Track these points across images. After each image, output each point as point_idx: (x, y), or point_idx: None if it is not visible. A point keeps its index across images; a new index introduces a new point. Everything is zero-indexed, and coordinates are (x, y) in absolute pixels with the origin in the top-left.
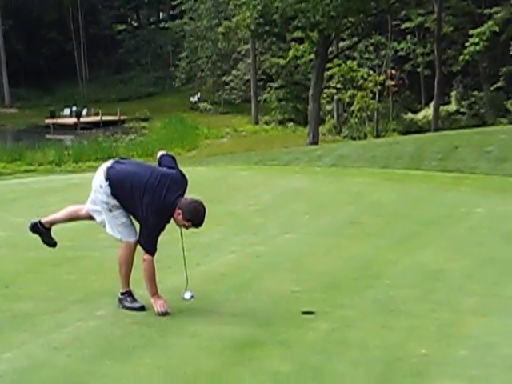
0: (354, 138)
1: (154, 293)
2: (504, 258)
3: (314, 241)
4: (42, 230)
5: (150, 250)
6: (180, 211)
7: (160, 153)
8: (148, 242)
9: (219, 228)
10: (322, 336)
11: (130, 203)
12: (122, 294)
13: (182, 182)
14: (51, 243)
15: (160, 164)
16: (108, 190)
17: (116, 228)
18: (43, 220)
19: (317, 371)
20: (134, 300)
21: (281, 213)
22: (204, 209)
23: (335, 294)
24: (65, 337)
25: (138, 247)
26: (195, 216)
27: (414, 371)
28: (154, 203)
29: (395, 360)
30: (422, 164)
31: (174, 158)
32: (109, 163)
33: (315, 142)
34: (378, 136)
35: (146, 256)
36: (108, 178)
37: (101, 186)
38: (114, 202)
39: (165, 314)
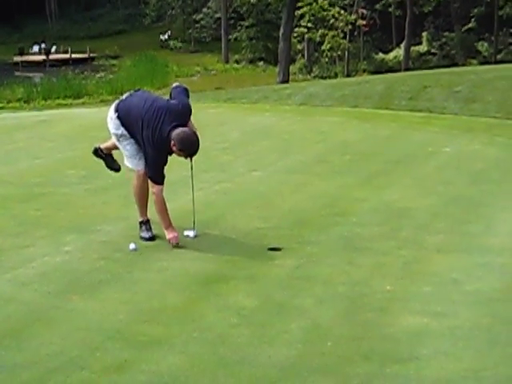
0: (324, 78)
1: (168, 225)
2: (469, 196)
3: (282, 178)
4: (103, 155)
5: (157, 180)
6: (174, 142)
7: (173, 85)
8: (153, 173)
9: (187, 165)
10: (288, 272)
11: (135, 135)
12: (139, 222)
13: (179, 113)
14: (114, 167)
15: (170, 96)
16: (117, 121)
17: (126, 157)
18: (102, 146)
19: (282, 307)
20: (147, 230)
21: (249, 150)
22: (196, 138)
23: (302, 231)
24: (31, 272)
25: None
26: (186, 145)
27: (379, 307)
28: (151, 136)
29: (360, 296)
30: (391, 103)
31: (184, 89)
32: (124, 96)
33: (285, 80)
34: (348, 76)
35: (155, 188)
36: (117, 110)
37: (111, 118)
38: (122, 132)
39: (176, 245)
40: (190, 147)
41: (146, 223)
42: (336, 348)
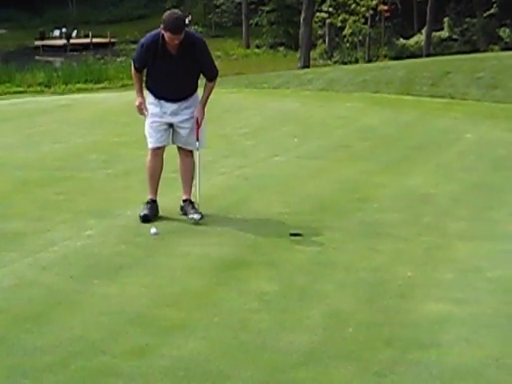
0: (345, 63)
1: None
2: (491, 183)
3: (303, 164)
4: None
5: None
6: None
7: None
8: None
9: (208, 150)
10: (309, 257)
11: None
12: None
13: None
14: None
15: None
16: None
17: None
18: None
19: (303, 292)
20: (145, 208)
21: (270, 136)
22: (175, 13)
23: (323, 217)
24: (53, 256)
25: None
26: (167, 21)
27: (400, 293)
28: None
29: (381, 282)
30: (412, 89)
31: None
32: None
33: (306, 66)
34: (369, 61)
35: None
36: None
37: None
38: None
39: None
40: (170, 21)
41: (148, 202)
42: (357, 334)
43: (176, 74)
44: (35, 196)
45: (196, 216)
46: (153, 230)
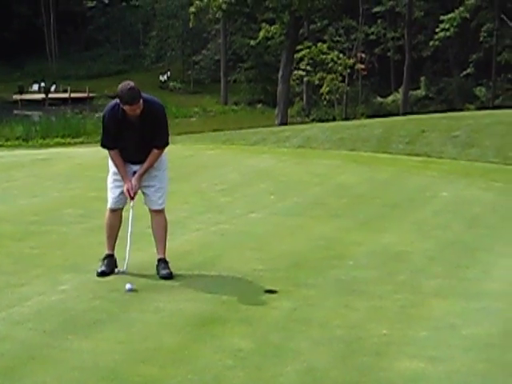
0: (322, 121)
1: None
2: (467, 241)
3: (279, 221)
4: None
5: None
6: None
7: None
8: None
9: (185, 206)
10: (284, 314)
11: None
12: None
13: None
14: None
15: None
16: None
17: None
18: None
19: (278, 349)
20: (102, 265)
21: (247, 192)
22: (127, 84)
23: (298, 274)
24: (26, 310)
25: None
26: (122, 95)
27: (375, 351)
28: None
29: (356, 340)
30: (389, 147)
31: None
32: None
33: (284, 123)
34: (346, 119)
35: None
36: None
37: None
38: None
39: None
40: (122, 94)
41: (104, 259)
42: None
43: (138, 139)
44: (10, 250)
45: (164, 272)
46: (128, 286)
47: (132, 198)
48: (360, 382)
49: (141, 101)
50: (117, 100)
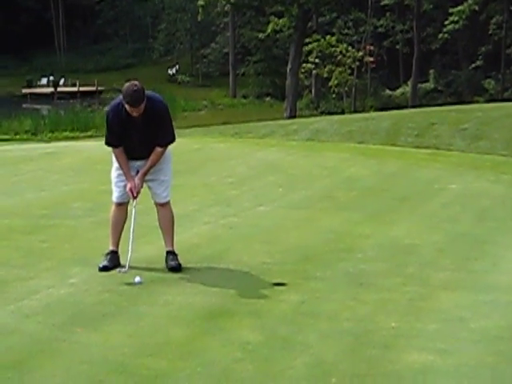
0: (331, 114)
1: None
2: (475, 233)
3: (288, 214)
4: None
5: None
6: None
7: None
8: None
9: (193, 199)
10: (293, 307)
11: None
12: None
13: None
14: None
15: None
16: None
17: None
18: None
19: (286, 342)
20: (105, 260)
21: (255, 185)
22: (133, 85)
23: (307, 267)
24: (35, 304)
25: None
26: (126, 94)
27: (383, 344)
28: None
29: (365, 332)
30: (397, 140)
31: None
32: None
33: (292, 116)
34: (355, 112)
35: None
36: None
37: None
38: None
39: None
40: (127, 95)
41: (107, 254)
42: None
43: (141, 137)
44: (19, 243)
45: (173, 263)
46: (137, 279)
47: (135, 198)
48: (368, 374)
49: (143, 104)
50: (120, 97)
